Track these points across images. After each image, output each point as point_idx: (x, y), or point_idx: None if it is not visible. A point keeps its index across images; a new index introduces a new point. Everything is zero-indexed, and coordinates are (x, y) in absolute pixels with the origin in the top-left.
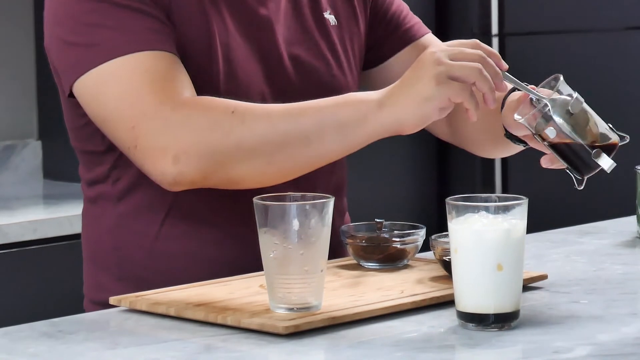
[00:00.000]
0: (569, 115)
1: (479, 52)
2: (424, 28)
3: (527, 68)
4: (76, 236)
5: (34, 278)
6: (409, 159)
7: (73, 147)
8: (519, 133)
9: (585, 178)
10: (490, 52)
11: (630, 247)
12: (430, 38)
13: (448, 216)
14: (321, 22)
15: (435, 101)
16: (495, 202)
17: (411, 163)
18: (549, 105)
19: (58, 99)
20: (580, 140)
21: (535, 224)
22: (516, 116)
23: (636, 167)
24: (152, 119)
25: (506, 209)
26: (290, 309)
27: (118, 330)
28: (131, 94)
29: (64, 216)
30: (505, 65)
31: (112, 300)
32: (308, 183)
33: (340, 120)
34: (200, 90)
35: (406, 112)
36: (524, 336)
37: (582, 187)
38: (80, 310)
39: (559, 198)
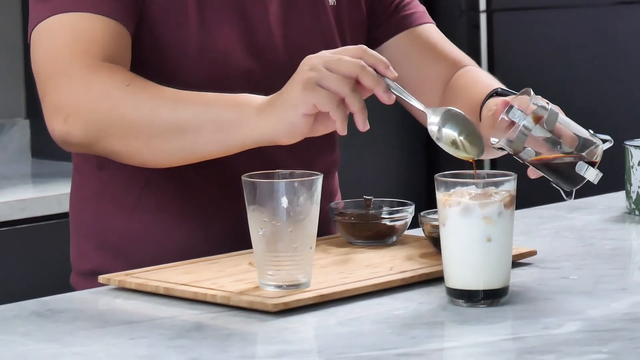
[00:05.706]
0: (545, 132)
1: (359, 62)
2: (426, 17)
3: (515, 44)
4: (65, 215)
5: (22, 257)
6: (398, 136)
7: None
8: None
9: (574, 190)
10: (376, 61)
11: (619, 223)
12: (429, 29)
13: (437, 192)
14: (319, 1)
15: (300, 107)
16: (484, 178)
17: (400, 140)
18: (524, 126)
19: None
20: (559, 160)
21: (524, 200)
22: (492, 140)
23: (625, 142)
24: (60, 76)
25: (495, 185)
26: (279, 287)
27: (107, 309)
28: (55, 49)
29: (52, 195)
30: (393, 74)
31: (101, 279)
32: (298, 163)
33: (219, 120)
34: (173, 59)
35: (277, 120)
36: (514, 312)
37: (571, 198)
38: (69, 288)
39: None
